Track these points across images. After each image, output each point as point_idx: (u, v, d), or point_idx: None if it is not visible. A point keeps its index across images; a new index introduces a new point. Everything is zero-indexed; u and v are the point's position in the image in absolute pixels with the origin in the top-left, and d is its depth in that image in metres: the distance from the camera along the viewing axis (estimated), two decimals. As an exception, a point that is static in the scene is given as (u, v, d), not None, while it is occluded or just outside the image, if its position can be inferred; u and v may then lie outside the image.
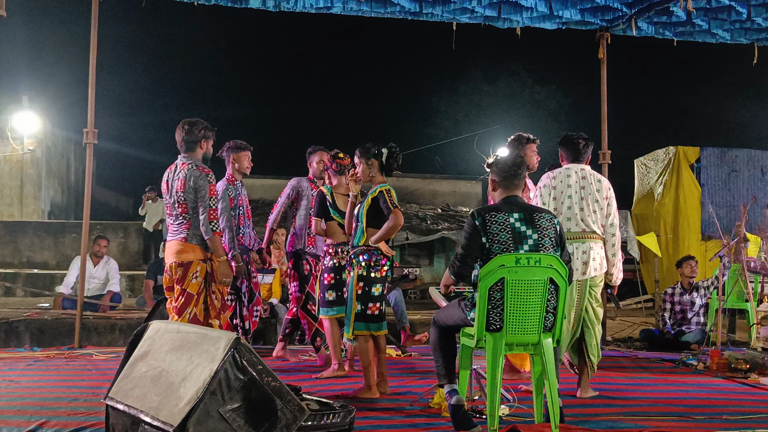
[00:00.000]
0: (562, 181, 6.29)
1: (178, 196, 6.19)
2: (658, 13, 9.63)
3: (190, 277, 6.14)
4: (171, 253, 6.21)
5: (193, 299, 6.13)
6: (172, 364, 4.11)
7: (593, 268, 6.19)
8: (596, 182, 6.33)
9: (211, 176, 6.25)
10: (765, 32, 10.24)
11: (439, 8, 9.43)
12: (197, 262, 6.17)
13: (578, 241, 6.20)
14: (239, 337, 4.05)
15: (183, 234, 6.19)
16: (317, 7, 9.16)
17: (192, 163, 6.26)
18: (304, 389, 4.94)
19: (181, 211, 6.18)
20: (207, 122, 6.48)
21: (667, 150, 14.33)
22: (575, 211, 6.22)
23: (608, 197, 6.36)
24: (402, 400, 5.96)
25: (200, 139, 6.37)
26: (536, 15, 9.60)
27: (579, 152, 6.42)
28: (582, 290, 6.21)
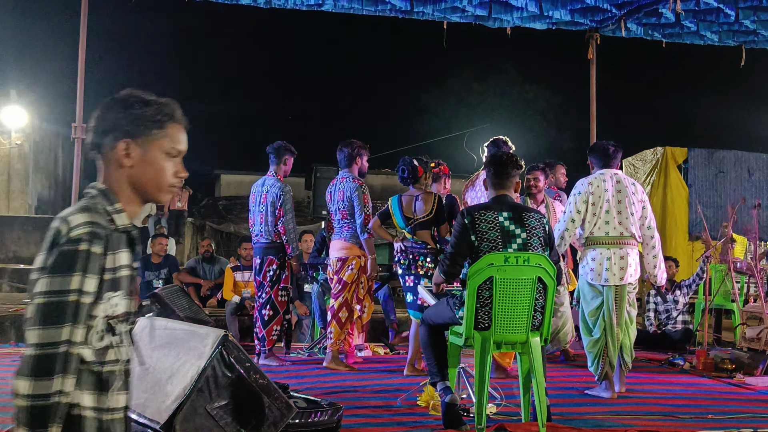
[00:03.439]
0: (599, 186, 6.36)
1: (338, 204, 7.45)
2: (647, 14, 9.68)
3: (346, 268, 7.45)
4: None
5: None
6: (160, 361, 4.10)
7: (629, 273, 6.29)
8: (631, 185, 6.44)
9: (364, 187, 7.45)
10: (753, 34, 10.30)
11: (430, 7, 9.43)
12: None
13: (616, 247, 6.29)
14: (227, 334, 4.05)
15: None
16: (308, 4, 9.16)
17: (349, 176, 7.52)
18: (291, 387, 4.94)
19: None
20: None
21: (655, 150, 14.37)
22: (613, 215, 6.31)
23: (643, 200, 6.46)
24: (390, 398, 5.96)
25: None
26: (527, 15, 9.61)
27: (609, 158, 6.51)
28: (621, 295, 6.29)
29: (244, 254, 9.95)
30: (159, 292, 7.41)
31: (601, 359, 6.25)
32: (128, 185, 2.23)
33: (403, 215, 7.08)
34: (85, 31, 8.90)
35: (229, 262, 10.66)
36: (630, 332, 6.35)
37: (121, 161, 2.20)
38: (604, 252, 6.27)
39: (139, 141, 2.20)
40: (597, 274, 6.27)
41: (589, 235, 6.37)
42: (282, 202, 7.62)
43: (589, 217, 6.34)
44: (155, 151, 2.23)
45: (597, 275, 6.27)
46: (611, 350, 6.22)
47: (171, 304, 7.10)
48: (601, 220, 6.30)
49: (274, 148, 7.86)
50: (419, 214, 6.97)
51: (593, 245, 6.34)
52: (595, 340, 6.27)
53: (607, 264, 6.23)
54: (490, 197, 5.13)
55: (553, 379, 6.56)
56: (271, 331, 7.67)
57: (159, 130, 2.23)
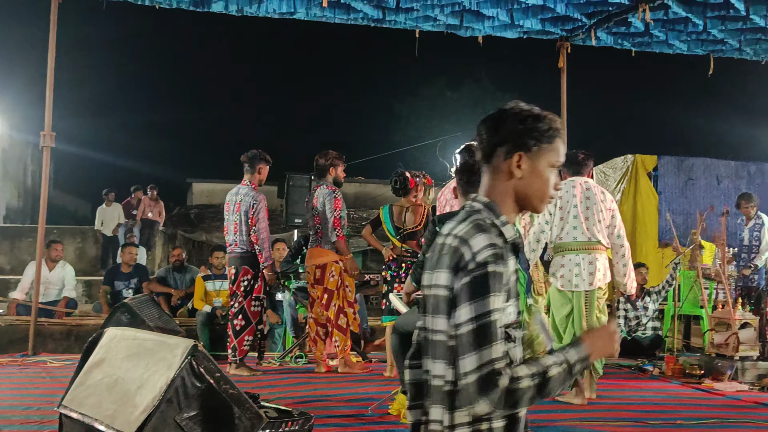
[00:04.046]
0: (567, 192, 6.47)
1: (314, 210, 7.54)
2: (617, 23, 9.77)
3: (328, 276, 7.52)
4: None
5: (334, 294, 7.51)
6: (128, 371, 4.07)
7: (598, 278, 6.37)
8: (600, 194, 6.54)
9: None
10: (720, 44, 10.42)
11: (402, 16, 9.47)
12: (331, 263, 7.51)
13: (585, 252, 6.38)
14: (197, 344, 4.03)
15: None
16: (280, 12, 9.15)
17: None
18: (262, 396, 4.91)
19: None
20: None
21: (625, 158, 14.47)
22: (581, 221, 6.39)
23: (612, 209, 6.55)
24: (361, 407, 5.95)
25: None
26: (498, 24, 9.67)
27: (579, 165, 6.63)
28: (590, 300, 6.36)
29: (216, 263, 9.90)
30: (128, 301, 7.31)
31: None
32: (513, 196, 2.35)
33: (394, 225, 7.43)
34: (55, 38, 8.83)
35: (200, 271, 10.60)
36: None
37: (513, 173, 2.32)
38: (573, 258, 6.35)
39: (531, 154, 2.32)
40: (567, 281, 6.33)
41: (557, 241, 6.44)
42: (255, 211, 7.61)
43: (556, 222, 6.43)
44: (543, 163, 2.34)
45: (567, 281, 6.33)
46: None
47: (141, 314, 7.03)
48: (569, 225, 6.39)
49: (249, 157, 7.85)
50: (409, 224, 7.28)
51: (562, 251, 6.42)
52: None
53: (577, 270, 6.30)
54: (460, 206, 5.14)
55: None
56: (243, 341, 7.65)
57: (549, 144, 2.34)
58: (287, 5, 8.97)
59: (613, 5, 9.20)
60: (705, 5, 9.14)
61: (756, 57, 11.07)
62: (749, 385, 7.23)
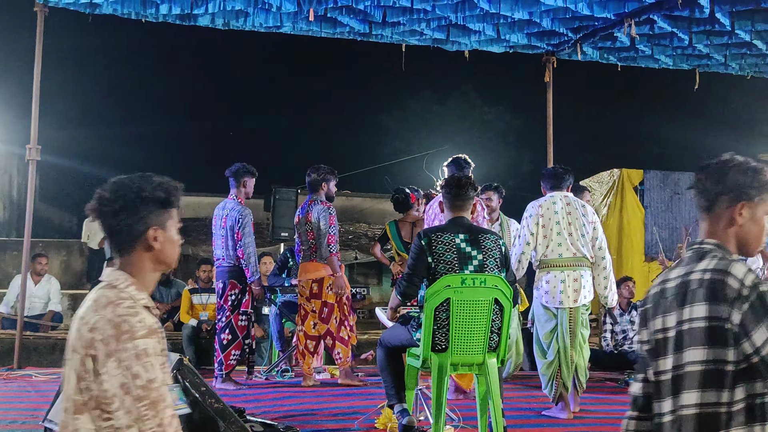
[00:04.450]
0: (549, 209, 6.46)
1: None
2: (603, 38, 9.82)
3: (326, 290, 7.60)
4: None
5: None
6: (114, 385, 4.05)
7: (583, 295, 6.37)
8: (581, 208, 6.54)
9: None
10: (706, 58, 10.49)
11: (389, 30, 9.49)
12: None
13: (569, 269, 6.37)
14: (182, 358, 4.02)
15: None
16: (267, 26, 9.16)
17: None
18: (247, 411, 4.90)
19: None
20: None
21: (611, 172, 14.54)
22: (564, 237, 6.39)
23: (594, 222, 6.56)
24: (347, 421, 5.93)
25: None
26: (484, 38, 9.71)
27: (559, 180, 6.65)
28: (575, 317, 6.36)
29: (203, 276, 9.87)
30: (114, 315, 7.32)
31: (555, 381, 6.31)
32: (735, 241, 2.58)
33: (402, 240, 7.65)
34: (41, 51, 8.82)
35: (187, 284, 10.57)
36: (584, 353, 6.41)
37: (735, 220, 2.56)
38: (558, 275, 6.35)
39: (753, 203, 2.56)
40: (552, 297, 6.34)
41: (542, 257, 6.45)
42: (241, 226, 7.60)
43: (540, 239, 6.43)
44: (761, 211, 2.58)
45: (552, 298, 6.34)
46: (565, 372, 6.28)
47: (126, 328, 7.02)
48: (554, 242, 6.39)
49: (233, 171, 7.85)
50: None
51: (547, 268, 6.42)
52: (549, 362, 6.33)
53: (562, 287, 6.30)
54: (447, 219, 5.16)
55: (509, 400, 6.56)
56: (229, 355, 7.62)
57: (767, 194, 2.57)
58: (273, 19, 8.98)
59: (598, 20, 9.24)
60: (690, 20, 9.19)
61: (741, 72, 11.15)
62: (735, 398, 7.22)
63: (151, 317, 2.35)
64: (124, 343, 2.24)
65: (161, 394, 2.27)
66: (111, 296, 2.35)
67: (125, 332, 2.25)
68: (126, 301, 2.34)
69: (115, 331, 2.25)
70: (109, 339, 2.24)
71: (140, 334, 2.27)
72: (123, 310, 2.30)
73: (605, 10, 8.71)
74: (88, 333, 2.27)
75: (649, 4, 8.73)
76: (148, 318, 2.32)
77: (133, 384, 2.23)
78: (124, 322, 2.27)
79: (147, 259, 2.45)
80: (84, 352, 2.27)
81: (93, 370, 2.25)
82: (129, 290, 2.39)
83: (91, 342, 2.26)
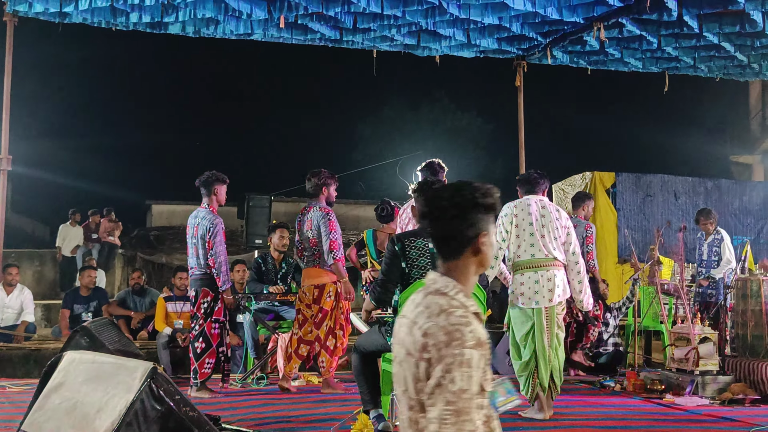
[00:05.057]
0: (523, 210, 6.56)
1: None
2: (572, 42, 9.90)
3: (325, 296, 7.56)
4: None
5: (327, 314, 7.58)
6: (88, 395, 4.03)
7: (557, 294, 6.43)
8: (555, 212, 6.64)
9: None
10: (675, 61, 10.60)
11: (360, 36, 9.52)
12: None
13: (543, 269, 6.44)
14: (156, 367, 4.00)
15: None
16: (237, 33, 9.16)
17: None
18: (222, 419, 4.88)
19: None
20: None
21: (583, 175, 14.63)
22: (537, 238, 6.46)
23: (567, 226, 6.64)
24: (323, 427, 5.92)
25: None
26: (455, 44, 9.76)
27: (533, 185, 6.71)
28: (551, 317, 6.42)
29: (179, 284, 9.81)
30: (87, 325, 7.27)
31: (531, 381, 6.36)
32: None
33: (377, 249, 7.65)
34: (11, 61, 8.76)
35: (162, 293, 10.51)
36: (559, 354, 6.46)
37: None
38: (532, 275, 6.41)
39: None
40: (527, 298, 6.39)
41: (516, 259, 6.51)
42: (212, 235, 7.58)
43: (513, 239, 6.50)
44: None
45: (527, 299, 6.39)
46: (542, 372, 6.33)
47: (100, 337, 6.98)
48: (526, 243, 6.46)
49: (203, 181, 7.82)
50: None
51: (521, 269, 6.48)
52: (525, 362, 6.39)
53: (536, 287, 6.36)
54: (420, 224, 5.18)
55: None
56: (204, 363, 7.59)
57: None
58: (244, 26, 8.98)
59: (568, 24, 9.32)
60: (659, 23, 9.29)
61: (710, 74, 11.28)
62: (710, 399, 7.30)
63: (481, 327, 2.45)
64: (453, 349, 2.34)
65: (467, 407, 2.34)
66: (443, 304, 2.44)
67: (456, 340, 2.35)
68: (458, 310, 2.43)
69: (446, 338, 2.36)
70: (441, 345, 2.35)
71: (469, 345, 2.36)
72: (456, 319, 2.40)
73: (574, 14, 8.79)
74: (422, 338, 2.39)
75: (618, 8, 8.82)
76: (479, 328, 2.42)
77: (447, 387, 2.33)
78: (456, 331, 2.37)
79: (472, 263, 2.57)
80: (418, 356, 2.39)
81: (425, 373, 2.38)
82: (459, 297, 2.48)
83: (424, 346, 2.38)
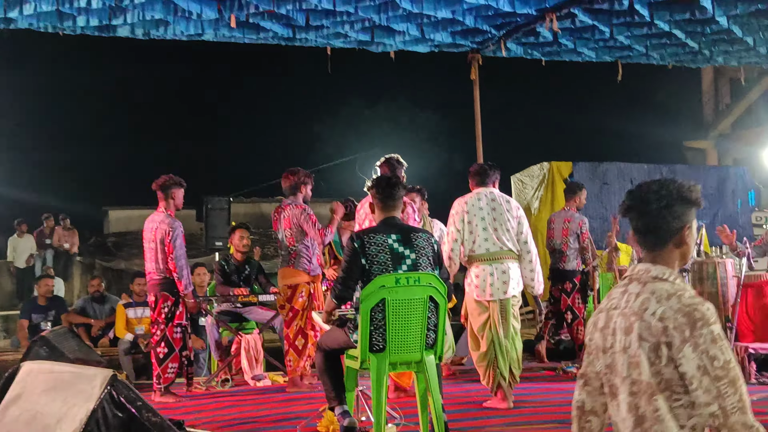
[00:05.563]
0: (474, 205, 6.60)
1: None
2: (526, 34, 9.93)
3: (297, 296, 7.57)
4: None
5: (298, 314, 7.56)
6: (47, 405, 3.97)
7: (512, 287, 6.50)
8: (505, 203, 6.68)
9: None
10: (627, 50, 10.67)
11: (313, 33, 9.46)
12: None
13: (497, 262, 6.50)
14: (116, 374, 3.96)
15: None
16: (188, 33, 9.05)
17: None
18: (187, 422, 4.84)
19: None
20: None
21: (541, 166, 14.71)
22: (490, 232, 6.51)
23: (518, 216, 6.70)
24: (289, 426, 5.91)
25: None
26: (409, 39, 9.74)
27: (484, 177, 6.77)
28: (506, 309, 6.48)
29: (137, 290, 9.73)
30: (46, 334, 7.19)
31: (491, 371, 6.41)
32: None
33: (342, 245, 7.80)
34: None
35: (121, 299, 10.41)
36: (516, 345, 6.52)
37: None
38: (486, 268, 6.47)
39: None
40: (482, 290, 6.45)
41: (470, 253, 6.56)
42: (171, 239, 7.51)
43: (466, 235, 6.56)
44: None
45: (482, 291, 6.45)
46: (501, 362, 6.39)
47: (59, 347, 6.90)
48: (480, 237, 6.51)
49: (160, 185, 7.74)
50: None
51: (476, 262, 6.53)
52: (484, 353, 6.46)
53: (491, 279, 6.42)
54: (379, 220, 5.17)
55: (450, 395, 6.62)
56: (167, 368, 7.52)
57: None
58: (195, 27, 8.88)
59: (520, 16, 9.34)
60: (610, 13, 9.35)
61: (663, 61, 11.38)
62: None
63: (713, 306, 2.56)
64: (699, 329, 2.47)
65: (737, 373, 2.47)
66: (668, 288, 2.59)
67: (698, 320, 2.49)
68: (685, 292, 2.57)
69: (686, 320, 2.49)
70: (683, 327, 2.48)
71: (712, 321, 2.49)
72: (688, 300, 2.53)
73: (526, 5, 8.81)
74: (659, 323, 2.51)
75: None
76: (707, 303, 2.54)
77: (710, 366, 2.45)
78: (695, 311, 2.50)
79: (675, 255, 2.70)
80: (656, 340, 2.52)
81: (666, 356, 2.51)
82: (678, 282, 2.63)
83: (664, 330, 2.51)
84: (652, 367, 2.52)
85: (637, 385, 2.56)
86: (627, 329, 2.59)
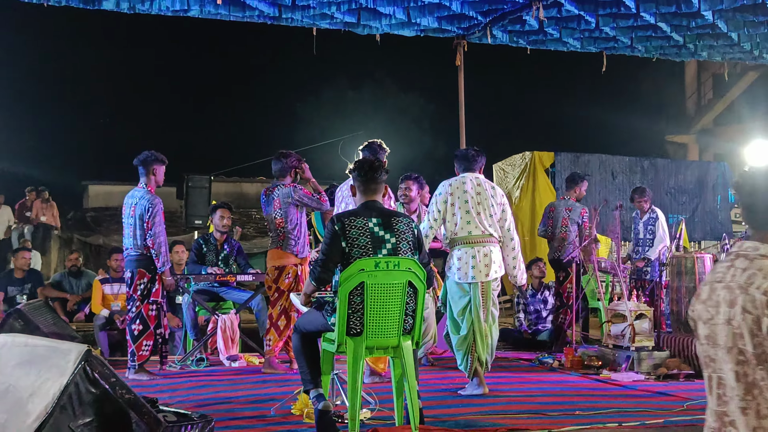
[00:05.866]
0: (459, 188, 6.61)
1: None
2: (512, 21, 9.92)
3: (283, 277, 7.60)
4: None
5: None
6: (20, 379, 3.93)
7: (494, 270, 6.52)
8: (491, 189, 6.71)
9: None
10: (612, 41, 10.69)
11: (299, 13, 9.41)
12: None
13: (479, 245, 6.51)
14: (90, 349, 3.93)
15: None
16: (173, 9, 8.97)
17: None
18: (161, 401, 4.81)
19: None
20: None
21: (523, 155, 14.75)
22: (473, 215, 6.52)
23: (502, 203, 6.73)
24: (264, 408, 5.89)
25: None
26: (395, 22, 9.71)
27: (470, 162, 6.79)
28: (487, 292, 6.51)
29: (114, 265, 9.68)
30: (21, 307, 7.16)
31: (470, 356, 6.44)
32: None
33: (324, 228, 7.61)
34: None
35: (98, 275, 10.35)
36: (492, 332, 6.54)
37: None
38: (468, 251, 6.48)
39: None
40: (464, 273, 6.46)
41: (452, 236, 6.58)
42: (150, 215, 7.46)
43: (449, 217, 6.58)
44: None
45: (464, 274, 6.46)
46: (479, 347, 6.43)
47: (34, 320, 6.86)
48: (463, 220, 6.53)
49: (141, 160, 7.67)
50: None
51: (458, 245, 6.54)
52: (463, 337, 6.48)
53: (473, 262, 6.43)
54: (359, 203, 5.15)
55: (425, 382, 6.63)
56: (141, 346, 7.49)
57: None
58: (180, 3, 8.81)
59: (507, 3, 9.34)
60: (597, 3, 9.36)
61: (647, 54, 11.41)
62: (645, 374, 7.43)
63: None
64: None
65: None
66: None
67: None
68: None
69: None
70: None
71: None
72: None
73: (514, -7, 8.81)
74: (763, 297, 2.58)
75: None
76: None
77: None
78: None
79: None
80: (760, 312, 2.58)
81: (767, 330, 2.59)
82: None
83: (766, 304, 2.57)
84: (754, 339, 2.59)
85: (744, 354, 2.63)
86: (731, 302, 2.67)
